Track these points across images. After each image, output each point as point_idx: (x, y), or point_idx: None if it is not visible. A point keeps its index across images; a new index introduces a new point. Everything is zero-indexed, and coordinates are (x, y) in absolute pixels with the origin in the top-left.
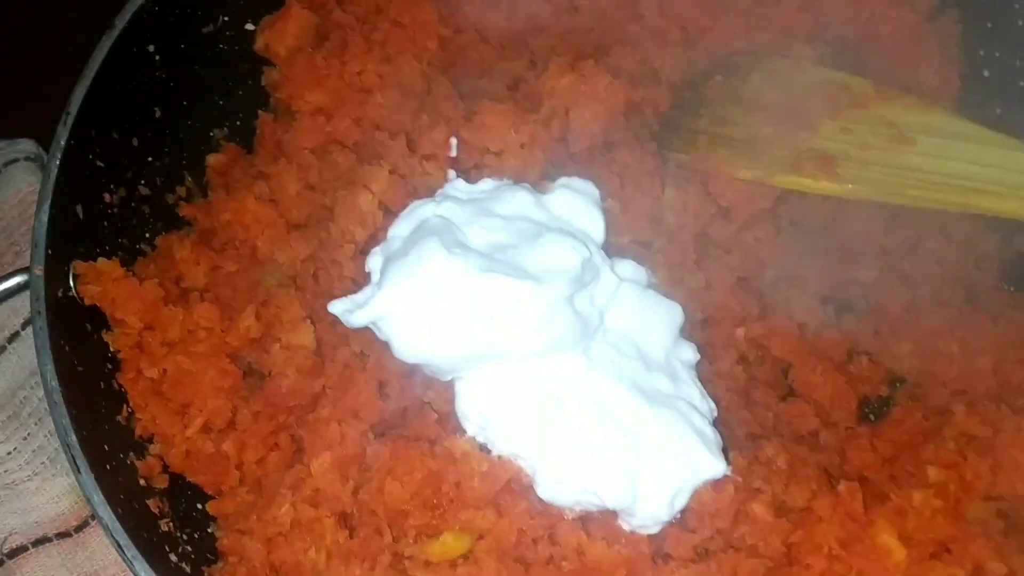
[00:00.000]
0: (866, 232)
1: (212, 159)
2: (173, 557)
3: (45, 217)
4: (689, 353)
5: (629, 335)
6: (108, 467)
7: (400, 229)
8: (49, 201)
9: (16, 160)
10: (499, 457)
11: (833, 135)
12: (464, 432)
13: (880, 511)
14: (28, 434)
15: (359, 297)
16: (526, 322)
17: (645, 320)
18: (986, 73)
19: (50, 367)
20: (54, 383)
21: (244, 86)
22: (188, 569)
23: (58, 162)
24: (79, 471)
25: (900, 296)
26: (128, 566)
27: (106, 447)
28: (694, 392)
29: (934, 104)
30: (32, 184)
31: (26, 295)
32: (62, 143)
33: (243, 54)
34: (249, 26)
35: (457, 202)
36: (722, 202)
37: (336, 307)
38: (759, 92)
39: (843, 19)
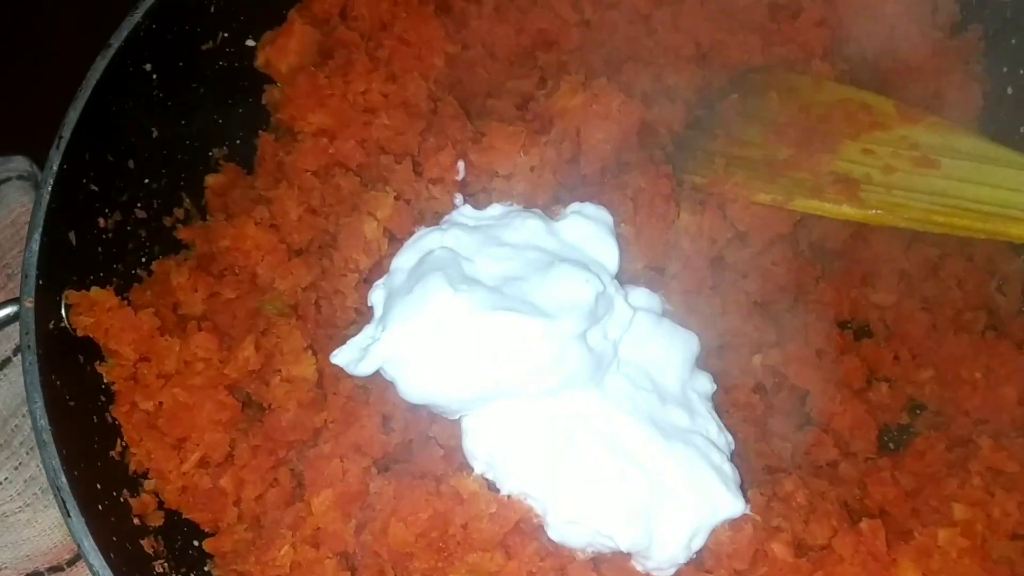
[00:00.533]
0: (885, 254)
1: (211, 180)
2: None
3: (36, 246)
4: (706, 384)
5: (644, 366)
6: (100, 507)
7: (404, 261)
8: (40, 229)
9: (9, 179)
10: (508, 497)
11: (855, 157)
12: (471, 470)
13: (904, 550)
14: (19, 463)
15: (360, 340)
16: (537, 361)
17: (660, 351)
18: (1010, 91)
19: (39, 404)
20: (43, 422)
21: (244, 104)
22: None
23: (50, 187)
24: (69, 515)
25: (920, 321)
26: None
27: (98, 485)
28: (711, 426)
29: (959, 125)
30: (25, 204)
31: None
32: (54, 168)
33: (243, 71)
34: (250, 42)
35: (464, 230)
36: (740, 227)
37: (340, 358)
38: (777, 111)
39: (862, 35)
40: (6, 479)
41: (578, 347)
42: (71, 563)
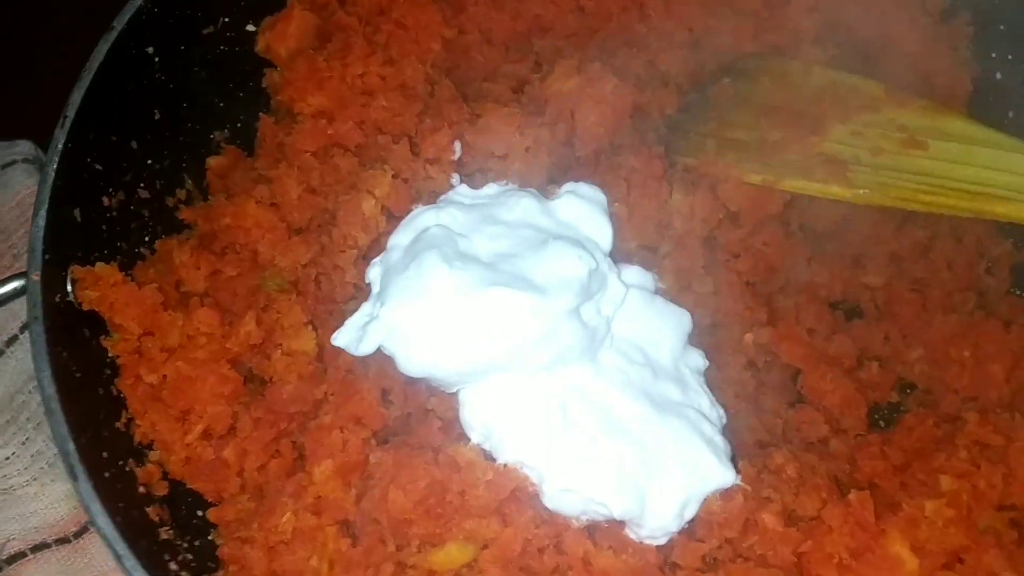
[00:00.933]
0: (876, 236)
1: (212, 162)
2: (173, 565)
3: (42, 221)
4: (698, 360)
5: (637, 342)
6: (107, 475)
7: (400, 238)
8: (47, 205)
9: (14, 162)
10: (504, 466)
11: (844, 139)
12: (468, 440)
13: (891, 521)
14: (27, 439)
15: (358, 319)
16: (531, 336)
17: (653, 327)
18: (999, 76)
19: (47, 374)
20: (51, 390)
21: (245, 88)
22: None
23: (55, 165)
24: (76, 479)
25: (910, 301)
26: None
27: (104, 454)
28: (703, 400)
29: (947, 108)
30: (30, 186)
31: (24, 299)
32: (59, 146)
33: (244, 56)
34: (250, 27)
35: (460, 208)
36: (731, 207)
37: (340, 339)
38: (768, 95)
39: (853, 21)
40: (13, 454)
41: (572, 323)
42: (78, 535)
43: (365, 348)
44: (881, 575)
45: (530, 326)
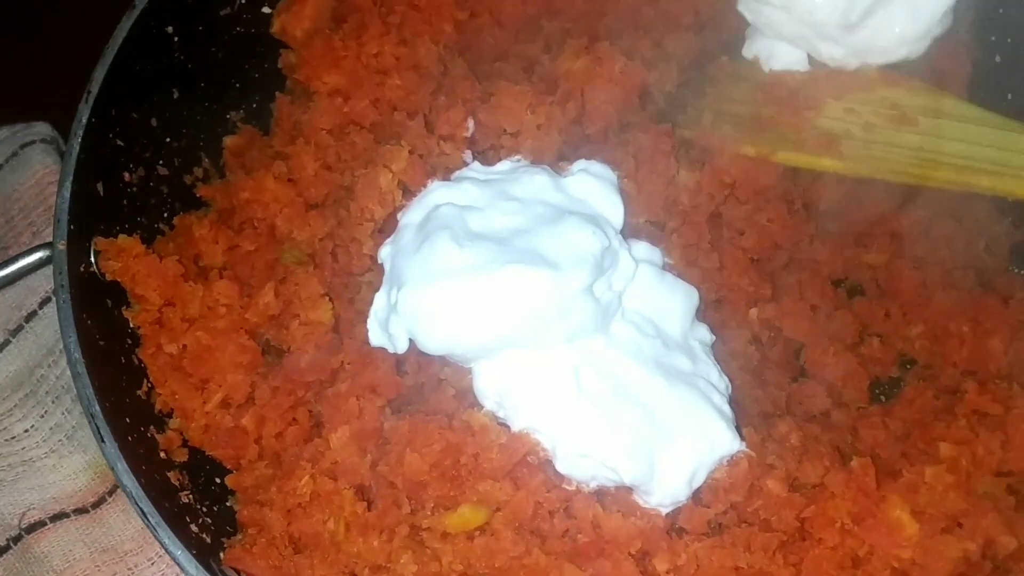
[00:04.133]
0: (877, 215)
1: (229, 141)
2: (194, 527)
3: (67, 193)
4: (706, 334)
5: (648, 315)
6: (129, 438)
7: (412, 216)
8: (71, 177)
9: (32, 142)
10: (517, 431)
11: (837, 115)
12: (482, 408)
13: (892, 487)
14: (45, 412)
15: (380, 313)
16: (547, 312)
17: (664, 301)
18: (998, 59)
19: (73, 339)
20: (77, 354)
21: (260, 69)
22: (208, 539)
23: (79, 139)
24: (103, 440)
25: (911, 279)
26: (152, 532)
27: (127, 419)
28: (712, 371)
29: (938, 88)
30: (48, 165)
31: (42, 274)
32: (84, 120)
33: (259, 37)
34: (265, 9)
35: (474, 184)
36: (726, 178)
37: (374, 340)
38: (765, 73)
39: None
40: (32, 427)
41: (585, 298)
42: (95, 505)
43: (402, 346)
44: (882, 539)
45: (545, 302)
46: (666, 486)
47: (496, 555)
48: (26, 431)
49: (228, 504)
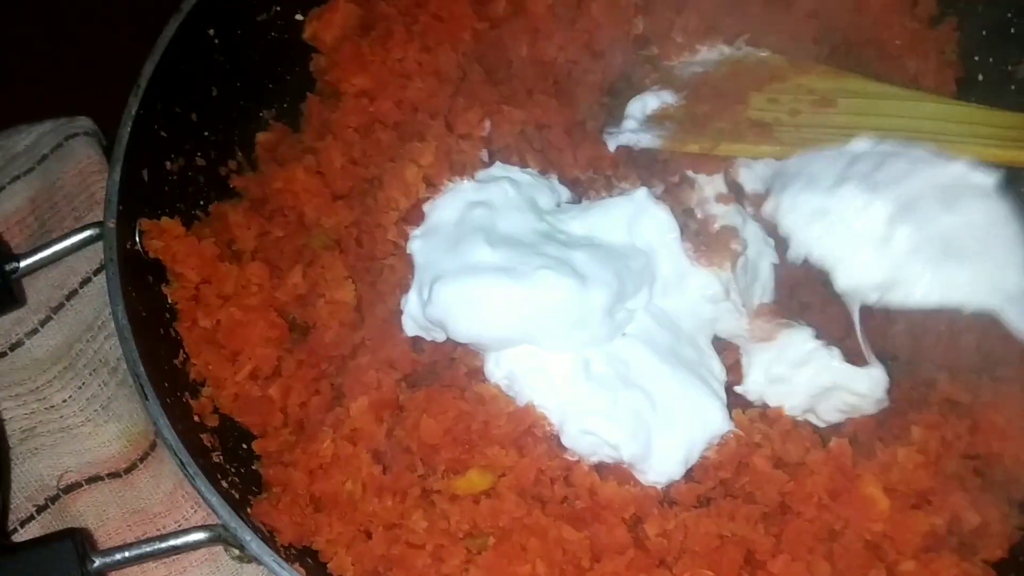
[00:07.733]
0: None
1: (261, 137)
2: (224, 484)
3: (117, 176)
4: (712, 328)
5: (668, 310)
6: (168, 400)
7: (445, 214)
8: (121, 162)
9: (76, 135)
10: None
11: (763, 105)
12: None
13: (867, 466)
14: (83, 383)
15: (413, 308)
16: (566, 319)
17: (685, 298)
18: (980, 77)
19: (121, 307)
20: (124, 321)
21: (292, 72)
22: (236, 495)
23: (129, 129)
24: (147, 398)
25: None
26: (189, 481)
27: (165, 384)
28: (714, 361)
29: (844, 71)
30: (91, 156)
31: (83, 255)
32: (132, 111)
33: (292, 42)
34: (298, 16)
35: (511, 184)
36: (676, 176)
37: (409, 331)
38: (687, 77)
39: (848, 25)
40: (70, 397)
41: (602, 317)
42: (128, 471)
43: (438, 337)
44: (856, 513)
45: (567, 308)
46: (663, 464)
47: (500, 516)
48: (64, 401)
49: (254, 467)
